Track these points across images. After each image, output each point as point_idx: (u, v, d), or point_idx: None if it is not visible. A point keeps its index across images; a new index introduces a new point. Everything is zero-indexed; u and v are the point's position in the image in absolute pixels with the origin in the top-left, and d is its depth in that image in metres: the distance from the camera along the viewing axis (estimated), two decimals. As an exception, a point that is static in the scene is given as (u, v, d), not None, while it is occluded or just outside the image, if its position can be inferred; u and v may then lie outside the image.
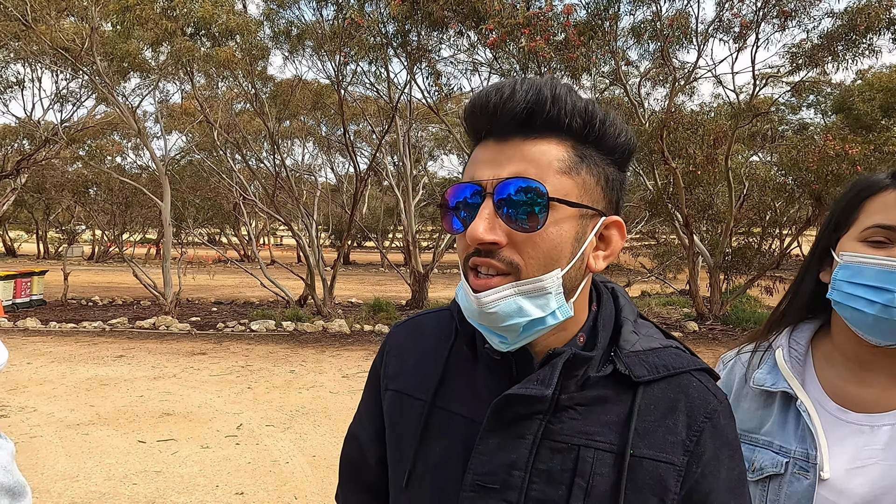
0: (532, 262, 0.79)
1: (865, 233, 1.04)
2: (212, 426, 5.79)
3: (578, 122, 0.80)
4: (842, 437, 1.05)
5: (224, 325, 11.05)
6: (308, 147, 21.50)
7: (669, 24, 9.12)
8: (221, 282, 18.28)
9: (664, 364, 0.87)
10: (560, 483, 0.81)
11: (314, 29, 11.02)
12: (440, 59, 10.74)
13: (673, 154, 9.53)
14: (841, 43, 9.17)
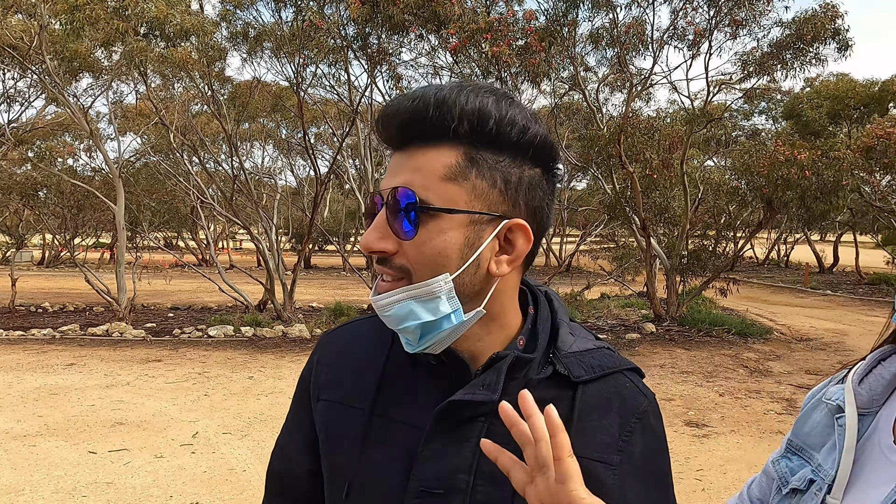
0: (419, 267, 0.80)
1: None
2: (166, 435, 5.66)
3: (465, 127, 0.78)
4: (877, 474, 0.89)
5: (181, 330, 10.82)
6: (268, 150, 21.24)
7: (626, 30, 9.30)
8: (178, 287, 17.88)
9: (599, 364, 0.89)
10: (503, 483, 0.80)
11: (273, 31, 10.89)
12: (401, 62, 10.73)
13: (630, 158, 9.71)
14: (789, 51, 9.47)
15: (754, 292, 18.52)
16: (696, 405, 6.91)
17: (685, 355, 9.33)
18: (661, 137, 9.81)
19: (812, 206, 9.88)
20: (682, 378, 8.04)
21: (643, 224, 10.40)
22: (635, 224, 10.73)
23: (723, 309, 12.98)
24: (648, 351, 9.55)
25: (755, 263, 28.90)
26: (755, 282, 21.70)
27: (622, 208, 10.57)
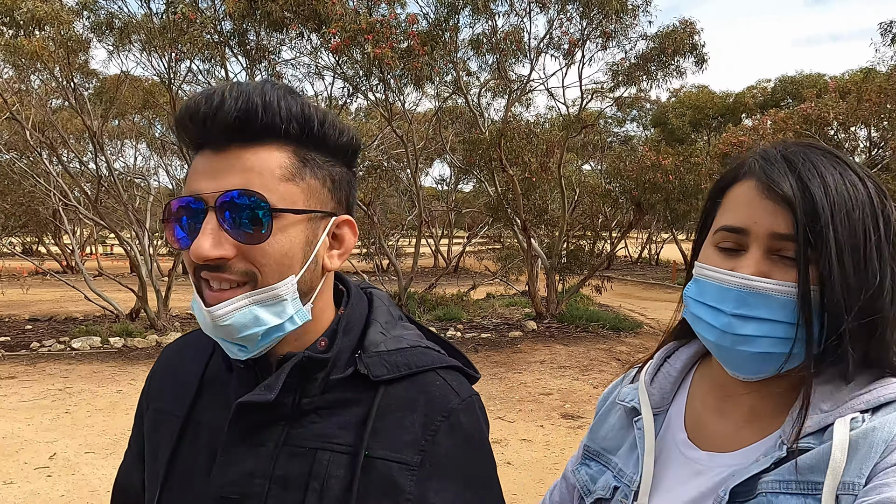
0: (266, 270, 0.79)
1: (716, 236, 0.84)
2: (18, 459, 5.18)
3: (296, 127, 0.80)
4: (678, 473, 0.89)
5: (39, 344, 9.94)
6: (141, 149, 20.00)
7: (504, 38, 9.59)
8: (38, 296, 16.43)
9: (406, 363, 0.88)
10: (296, 488, 0.81)
11: (143, 23, 10.28)
12: (282, 61, 10.45)
13: (510, 162, 10.01)
14: (653, 63, 10.15)
15: (628, 289, 19.65)
16: (572, 398, 7.23)
17: (563, 351, 9.75)
18: (539, 142, 10.20)
19: (675, 208, 10.62)
20: (560, 373, 8.39)
21: (524, 225, 10.77)
22: (517, 225, 11.09)
23: (599, 305, 13.67)
24: (530, 347, 9.89)
25: (629, 262, 30.65)
26: (629, 279, 23.01)
27: (504, 210, 10.88)
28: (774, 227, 0.78)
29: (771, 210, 0.78)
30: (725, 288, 0.79)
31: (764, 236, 0.79)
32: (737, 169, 0.86)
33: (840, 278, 0.74)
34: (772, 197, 0.78)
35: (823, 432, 0.77)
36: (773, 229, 0.78)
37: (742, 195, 0.82)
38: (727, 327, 0.78)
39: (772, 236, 0.78)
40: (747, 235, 0.80)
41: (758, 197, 0.79)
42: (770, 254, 0.79)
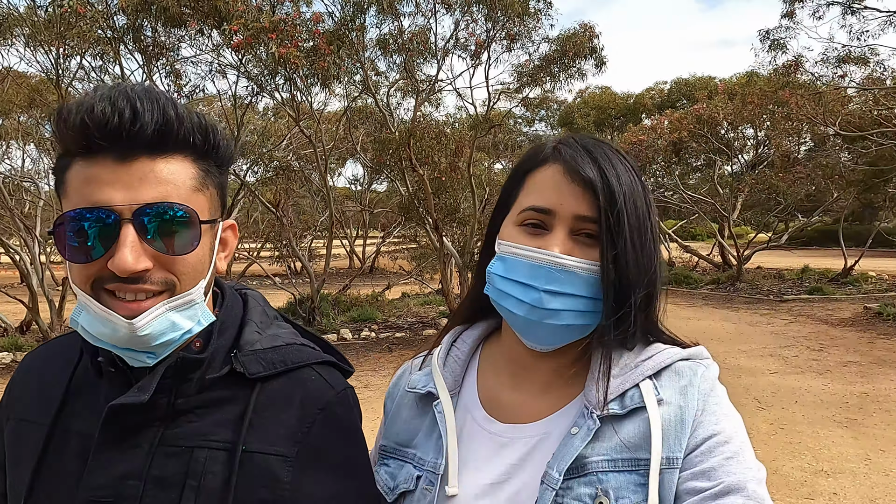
0: (185, 278, 0.81)
1: (522, 215, 0.88)
2: None
3: (200, 139, 0.82)
4: (482, 449, 0.92)
5: (-86, 363, 9.13)
6: (29, 150, 18.69)
7: (411, 39, 9.64)
8: (-87, 312, 15.03)
9: (282, 360, 0.90)
10: (173, 486, 0.81)
11: (27, 16, 9.61)
12: (181, 58, 10.05)
13: (420, 161, 10.08)
14: (556, 65, 10.48)
15: (540, 284, 20.14)
16: (484, 392, 7.38)
17: (477, 346, 9.91)
18: (448, 141, 10.32)
19: (580, 205, 11.02)
20: (473, 368, 8.53)
21: (436, 224, 10.86)
22: (429, 224, 11.17)
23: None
24: (444, 345, 9.99)
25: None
26: (541, 275, 23.58)
27: (416, 209, 10.94)
28: (578, 210, 0.85)
29: (576, 193, 0.85)
30: (537, 265, 0.84)
31: (569, 217, 0.85)
32: (538, 155, 0.91)
33: (633, 257, 0.84)
34: (577, 181, 0.85)
35: (624, 397, 0.87)
36: (577, 211, 0.85)
37: (548, 178, 0.88)
38: (538, 302, 0.83)
39: (576, 218, 0.85)
40: (553, 216, 0.86)
41: (564, 181, 0.86)
42: (572, 234, 0.86)
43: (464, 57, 10.94)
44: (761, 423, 5.96)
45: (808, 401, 6.65)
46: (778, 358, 8.75)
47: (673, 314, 4.67)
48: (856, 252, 18.02)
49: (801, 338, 10.20)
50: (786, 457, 5.11)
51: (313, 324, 11.46)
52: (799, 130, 15.89)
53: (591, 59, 10.62)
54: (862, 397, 6.75)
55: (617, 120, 22.09)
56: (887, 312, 11.70)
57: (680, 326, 4.79)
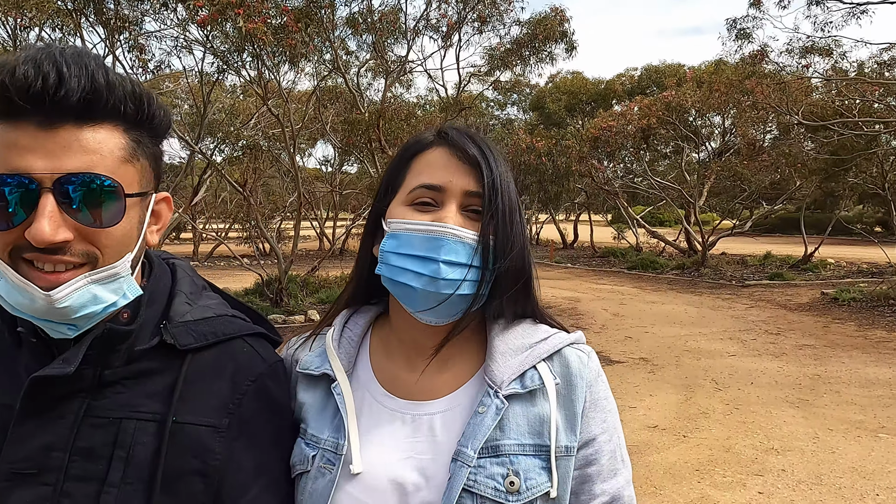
0: (108, 251, 0.79)
1: (412, 194, 0.92)
2: None
3: (132, 108, 0.80)
4: (385, 425, 0.93)
5: None
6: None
7: (381, 18, 9.55)
8: None
9: (213, 331, 0.91)
10: (100, 457, 0.81)
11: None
12: (146, 32, 9.81)
13: (389, 143, 10.04)
14: (527, 49, 10.49)
15: (510, 268, 20.26)
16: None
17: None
18: (417, 123, 10.29)
19: (548, 189, 11.10)
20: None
21: (405, 206, 10.86)
22: (398, 206, 11.16)
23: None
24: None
25: (512, 242, 31.51)
26: (511, 258, 23.71)
27: (385, 191, 10.91)
28: (467, 186, 0.92)
29: (464, 171, 0.92)
30: (434, 237, 0.88)
31: (458, 193, 0.91)
32: (422, 141, 0.98)
33: (509, 231, 0.92)
34: (465, 160, 0.92)
35: (524, 377, 0.93)
36: (465, 187, 0.91)
37: (437, 159, 0.94)
38: (436, 273, 0.87)
39: (465, 193, 0.91)
40: (444, 192, 0.91)
41: (453, 160, 0.93)
42: (462, 210, 0.92)
43: (435, 38, 10.90)
44: (718, 403, 6.13)
45: (764, 382, 6.85)
46: (737, 341, 8.98)
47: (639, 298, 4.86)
48: (816, 239, 18.49)
49: (760, 322, 10.47)
50: (739, 435, 5.26)
51: (281, 305, 11.39)
52: (764, 119, 16.18)
53: (562, 43, 10.66)
54: (814, 379, 6.97)
55: (588, 105, 22.21)
56: (843, 298, 12.06)
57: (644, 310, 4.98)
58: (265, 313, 8.54)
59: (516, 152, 11.19)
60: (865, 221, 27.51)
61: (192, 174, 18.57)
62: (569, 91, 22.21)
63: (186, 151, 14.40)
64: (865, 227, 25.97)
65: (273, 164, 17.85)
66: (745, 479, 4.41)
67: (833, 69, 13.06)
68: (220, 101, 16.17)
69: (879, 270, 16.58)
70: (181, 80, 16.54)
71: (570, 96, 22.13)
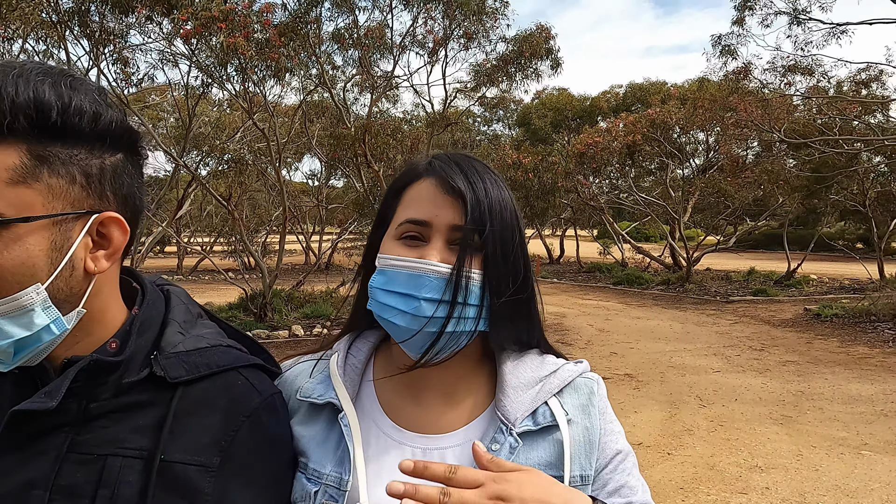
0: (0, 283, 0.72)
1: (400, 229, 0.90)
2: None
3: (23, 123, 0.71)
4: (392, 459, 0.89)
5: None
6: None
7: (367, 33, 9.58)
8: None
9: (206, 363, 0.85)
10: (83, 496, 0.76)
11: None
12: (131, 46, 9.77)
13: (375, 158, 10.03)
14: (513, 65, 10.55)
15: (496, 283, 20.24)
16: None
17: (429, 344, 9.91)
18: (403, 138, 10.29)
19: (535, 204, 11.14)
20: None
21: (390, 221, 10.85)
22: (383, 221, 11.14)
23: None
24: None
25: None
26: (498, 273, 23.71)
27: (371, 206, 10.88)
28: (453, 220, 0.88)
29: (450, 204, 0.88)
30: (416, 275, 0.85)
31: (445, 228, 0.88)
32: (413, 171, 0.95)
33: (502, 264, 0.88)
34: (450, 193, 0.88)
35: (536, 413, 0.91)
36: (451, 221, 0.88)
37: (424, 191, 0.91)
38: (417, 311, 0.84)
39: (451, 228, 0.88)
40: (430, 227, 0.88)
41: (438, 193, 0.89)
42: (449, 244, 0.88)
43: (421, 54, 10.94)
44: (702, 420, 6.12)
45: (748, 399, 6.85)
46: (721, 357, 9.00)
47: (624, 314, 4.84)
48: (799, 255, 18.67)
49: (745, 338, 10.51)
50: (723, 453, 5.25)
51: (265, 319, 11.29)
52: (747, 136, 16.37)
53: (547, 59, 10.73)
54: (798, 395, 6.99)
55: (574, 122, 22.39)
56: (825, 314, 12.15)
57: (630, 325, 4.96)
58: (248, 328, 8.43)
59: (502, 168, 11.23)
60: (847, 238, 27.86)
61: (178, 187, 18.46)
62: (555, 107, 22.37)
63: (171, 164, 14.32)
64: (847, 243, 26.29)
65: (259, 177, 17.79)
66: (728, 498, 4.39)
67: (814, 88, 13.26)
68: (206, 115, 16.12)
69: (861, 286, 16.75)
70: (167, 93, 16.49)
71: (556, 112, 22.29)
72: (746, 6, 12.11)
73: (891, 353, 9.13)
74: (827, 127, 13.45)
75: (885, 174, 17.27)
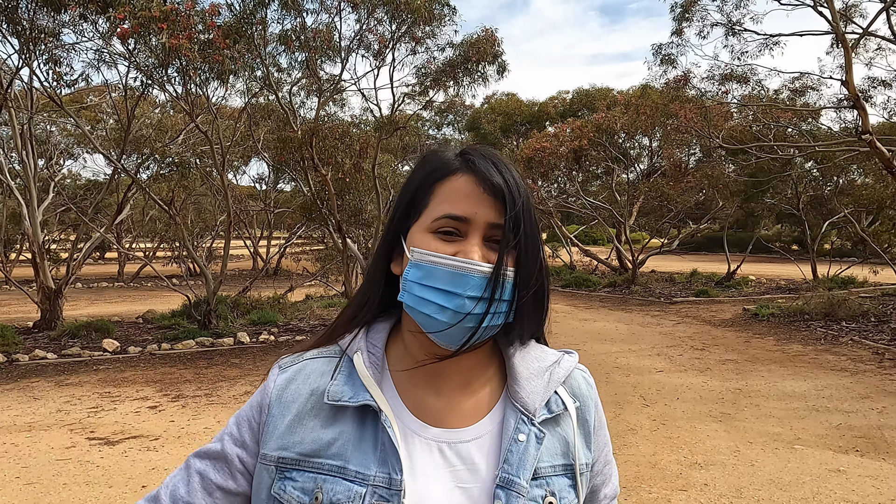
0: None
1: (436, 223, 0.90)
2: None
3: None
4: (423, 456, 0.91)
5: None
6: None
7: (314, 36, 9.46)
8: None
9: None
10: None
11: None
12: (64, 44, 9.39)
13: (323, 161, 9.92)
14: (460, 70, 10.60)
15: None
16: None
17: (378, 349, 9.83)
18: (352, 142, 10.21)
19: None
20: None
21: (339, 226, 10.72)
22: (332, 225, 11.01)
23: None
24: (345, 348, 9.84)
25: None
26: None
27: (318, 210, 10.75)
28: (490, 217, 0.90)
29: (488, 202, 0.90)
30: (461, 274, 0.87)
31: (483, 225, 0.90)
32: (446, 166, 0.95)
33: (532, 261, 0.92)
34: (489, 191, 0.90)
35: (549, 402, 0.98)
36: (489, 219, 0.90)
37: (462, 187, 0.91)
38: (461, 308, 0.86)
39: (489, 225, 0.90)
40: (468, 223, 0.90)
41: (477, 190, 0.91)
42: (485, 240, 0.90)
43: (368, 57, 10.87)
44: (645, 419, 6.25)
45: (689, 397, 7.04)
46: (664, 357, 9.23)
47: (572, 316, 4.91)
48: (739, 257, 19.33)
49: (687, 338, 10.80)
50: (665, 451, 5.37)
51: (209, 327, 11.00)
52: (688, 142, 16.86)
53: (494, 64, 10.81)
54: (736, 393, 7.22)
55: (522, 126, 22.65)
56: (762, 313, 12.60)
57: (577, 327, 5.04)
58: (192, 336, 8.23)
59: (451, 172, 11.27)
60: (783, 240, 28.98)
61: (118, 191, 17.84)
62: (504, 112, 22.59)
63: (111, 168, 13.84)
64: (783, 245, 27.36)
65: (204, 181, 17.35)
66: (669, 496, 4.49)
67: (749, 96, 13.76)
68: (148, 117, 15.65)
69: (795, 286, 17.46)
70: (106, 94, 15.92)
71: (505, 117, 22.51)
72: (684, 17, 12.49)
73: (822, 350, 9.54)
74: (762, 133, 13.98)
75: (816, 179, 18.06)
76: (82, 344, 9.90)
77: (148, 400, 7.05)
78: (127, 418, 6.35)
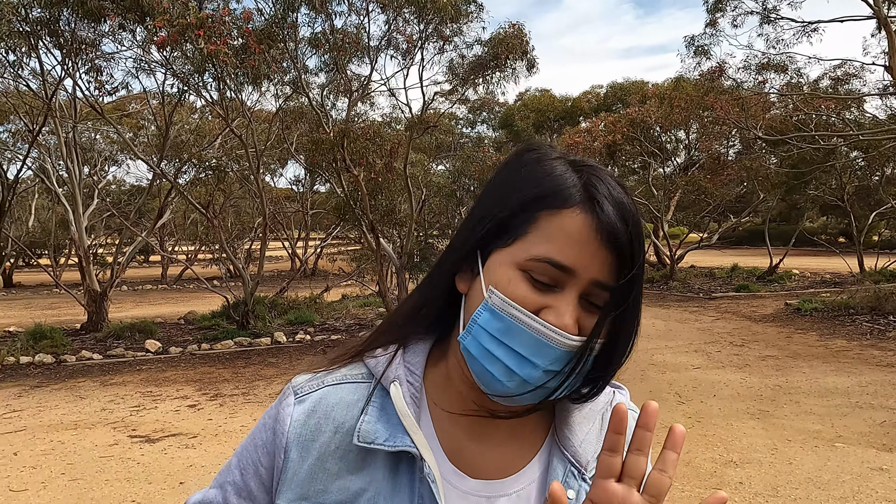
0: None
1: (532, 263, 0.73)
2: None
3: None
4: None
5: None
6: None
7: (344, 38, 9.57)
8: None
9: None
10: None
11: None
12: (104, 54, 9.69)
13: (354, 162, 10.01)
14: (489, 66, 10.58)
15: (481, 285, 20.27)
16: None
17: (412, 348, 9.90)
18: (383, 142, 10.29)
19: (515, 206, 11.14)
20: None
21: (371, 226, 10.82)
22: (364, 226, 11.11)
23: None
24: (379, 347, 9.94)
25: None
26: (483, 275, 23.75)
27: (351, 211, 10.86)
28: (600, 276, 0.73)
29: (603, 257, 0.72)
30: (545, 342, 0.72)
31: (586, 281, 0.73)
32: (562, 193, 0.74)
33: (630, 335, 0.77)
34: (609, 244, 0.72)
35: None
36: (597, 277, 0.73)
37: (577, 231, 0.72)
38: (531, 378, 0.72)
39: (593, 283, 0.73)
40: (572, 276, 0.72)
41: (595, 240, 0.72)
42: (581, 298, 0.74)
43: (397, 57, 10.94)
44: (680, 416, 6.15)
45: (726, 394, 6.90)
46: (702, 353, 9.06)
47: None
48: (781, 250, 18.83)
49: (726, 334, 10.59)
50: (699, 449, 5.28)
51: (247, 327, 11.23)
52: (727, 134, 16.50)
53: (523, 60, 10.76)
54: (775, 390, 7.05)
55: (556, 122, 22.50)
56: (805, 308, 12.27)
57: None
58: (231, 336, 8.40)
59: (483, 169, 11.24)
60: (829, 232, 28.14)
61: (160, 196, 18.35)
62: (537, 108, 22.46)
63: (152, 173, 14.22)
64: (829, 237, 26.57)
65: (241, 184, 17.69)
66: (702, 494, 4.42)
67: (788, 85, 13.40)
68: (186, 123, 16.03)
69: (841, 280, 16.93)
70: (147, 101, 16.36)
71: (538, 114, 22.38)
72: (717, 7, 12.22)
73: (868, 346, 9.24)
74: (803, 123, 13.59)
75: (862, 168, 17.48)
76: (126, 345, 10.21)
77: (187, 399, 7.23)
78: (167, 417, 6.53)
